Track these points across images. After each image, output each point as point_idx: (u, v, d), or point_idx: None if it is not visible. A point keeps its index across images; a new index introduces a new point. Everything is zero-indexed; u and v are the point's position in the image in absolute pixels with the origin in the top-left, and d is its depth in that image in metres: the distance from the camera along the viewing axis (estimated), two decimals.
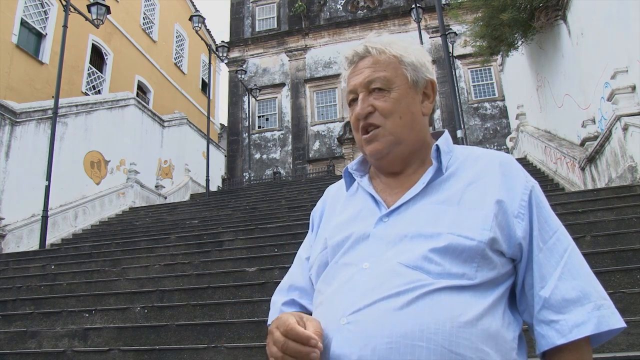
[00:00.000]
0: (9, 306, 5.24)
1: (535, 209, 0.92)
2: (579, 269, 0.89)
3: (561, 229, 0.93)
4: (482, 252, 0.85)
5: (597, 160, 6.99)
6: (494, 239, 0.87)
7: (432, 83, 1.02)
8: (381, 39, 1.02)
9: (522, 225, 0.90)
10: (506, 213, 0.90)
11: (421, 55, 1.02)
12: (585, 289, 0.86)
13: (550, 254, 0.90)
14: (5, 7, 12.22)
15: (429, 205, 0.91)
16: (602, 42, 7.21)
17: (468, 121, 18.26)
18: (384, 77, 0.97)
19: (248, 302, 4.27)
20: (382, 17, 20.60)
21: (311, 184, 12.47)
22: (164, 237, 7.44)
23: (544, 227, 0.92)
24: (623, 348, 2.78)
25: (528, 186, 0.94)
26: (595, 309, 0.84)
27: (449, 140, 1.02)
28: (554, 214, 0.95)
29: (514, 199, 0.92)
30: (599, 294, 0.86)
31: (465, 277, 0.84)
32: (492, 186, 0.92)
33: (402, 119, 0.96)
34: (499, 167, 0.96)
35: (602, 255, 3.88)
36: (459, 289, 0.83)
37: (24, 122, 9.85)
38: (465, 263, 0.84)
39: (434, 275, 0.83)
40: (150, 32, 19.51)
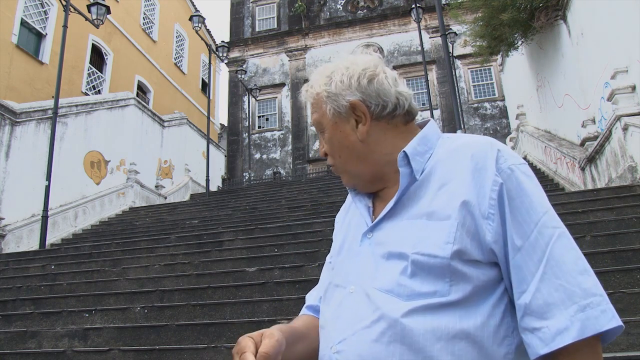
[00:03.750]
0: (9, 306, 5.24)
1: (508, 204, 0.81)
2: (562, 265, 0.77)
3: (545, 218, 0.80)
4: (449, 268, 0.80)
5: (597, 160, 6.99)
6: (460, 250, 0.81)
7: (355, 105, 0.92)
8: (312, 77, 1.00)
9: (492, 227, 0.81)
10: (474, 217, 0.82)
11: (344, 78, 0.94)
12: (569, 288, 0.75)
13: (531, 252, 0.78)
14: (5, 7, 12.22)
15: (402, 221, 0.89)
16: (602, 42, 7.21)
17: (468, 121, 18.26)
18: (315, 120, 0.97)
19: (248, 302, 4.27)
20: (382, 17, 20.60)
21: (311, 184, 12.47)
22: (164, 237, 7.44)
23: (521, 223, 0.80)
24: (623, 348, 2.78)
25: (498, 180, 0.82)
26: (579, 310, 0.73)
27: (427, 136, 0.94)
28: (539, 199, 0.82)
29: (484, 198, 0.82)
30: (585, 292, 0.74)
31: (437, 294, 0.80)
32: (460, 187, 0.84)
33: (343, 156, 0.95)
34: (471, 160, 0.85)
35: (602, 255, 3.88)
36: (432, 308, 0.80)
37: (24, 122, 9.85)
38: (437, 280, 0.81)
39: (404, 297, 0.82)
40: (150, 32, 19.51)
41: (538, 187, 0.84)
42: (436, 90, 18.99)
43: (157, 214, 10.93)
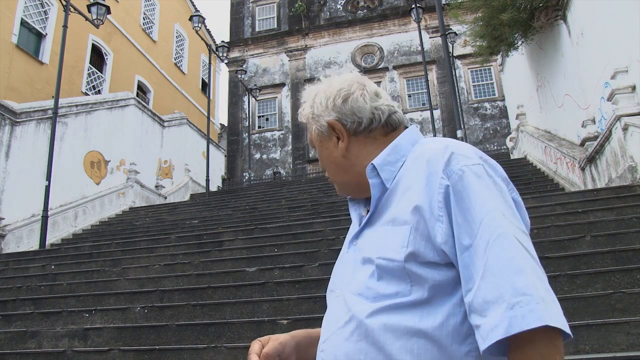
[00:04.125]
0: (9, 306, 5.24)
1: (454, 205, 0.83)
2: (498, 263, 0.77)
3: (487, 217, 0.81)
4: (405, 270, 0.85)
5: (597, 160, 6.99)
6: (413, 253, 0.85)
7: (331, 125, 1.00)
8: (303, 96, 1.08)
9: (442, 228, 0.84)
10: (426, 220, 0.85)
11: (321, 100, 1.02)
12: (502, 286, 0.76)
13: (476, 252, 0.80)
14: (5, 7, 12.22)
15: (375, 228, 0.95)
16: (602, 42, 7.21)
17: (468, 121, 18.26)
18: (309, 139, 1.08)
19: (248, 302, 4.27)
20: (382, 17, 20.60)
21: (311, 184, 12.47)
22: (164, 237, 7.44)
23: (466, 223, 0.82)
24: (623, 348, 2.78)
25: (444, 182, 0.85)
26: (508, 308, 0.74)
27: (399, 145, 0.98)
28: (484, 199, 0.83)
29: (433, 202, 0.85)
30: (516, 291, 0.74)
31: (399, 295, 0.85)
32: (416, 192, 0.88)
33: (331, 170, 1.05)
34: (426, 166, 0.89)
35: (602, 255, 3.88)
36: (395, 308, 0.85)
37: (24, 122, 9.85)
38: (399, 282, 0.86)
39: (371, 299, 0.88)
40: (150, 32, 19.51)
41: (488, 187, 0.84)
42: (436, 90, 18.99)
43: (157, 214, 10.93)
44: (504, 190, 0.86)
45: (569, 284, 3.56)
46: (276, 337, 0.98)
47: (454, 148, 0.89)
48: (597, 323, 2.93)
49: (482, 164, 0.86)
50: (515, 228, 0.81)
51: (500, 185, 0.86)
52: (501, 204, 0.83)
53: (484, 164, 0.87)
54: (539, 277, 0.77)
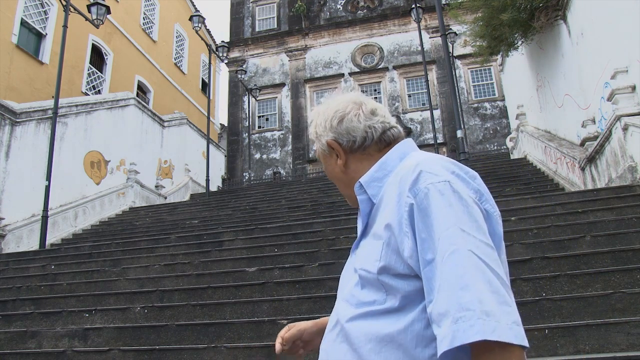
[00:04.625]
0: (9, 306, 5.24)
1: (418, 222, 0.89)
2: (448, 279, 0.82)
3: (445, 234, 0.85)
4: (379, 281, 0.93)
5: (597, 160, 6.99)
6: (385, 267, 0.92)
7: (329, 144, 1.10)
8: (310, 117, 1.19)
9: (408, 244, 0.90)
10: (395, 235, 0.92)
11: (321, 121, 1.12)
12: (449, 301, 0.80)
13: (436, 266, 0.85)
14: (5, 7, 12.22)
15: (366, 240, 1.03)
16: (602, 42, 7.21)
17: (468, 121, 18.26)
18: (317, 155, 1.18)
19: (248, 302, 4.27)
20: (382, 17, 20.60)
21: (311, 184, 12.47)
22: (164, 237, 7.44)
23: (427, 239, 0.87)
24: (623, 348, 2.78)
25: (409, 200, 0.90)
26: (453, 322, 0.79)
27: (387, 161, 1.05)
28: (445, 216, 0.86)
29: (401, 219, 0.91)
30: (460, 306, 0.79)
31: (376, 302, 0.94)
32: (390, 209, 0.95)
33: (336, 183, 1.15)
34: (399, 184, 0.95)
35: (602, 255, 3.88)
36: (371, 314, 0.93)
37: (24, 122, 9.85)
38: (377, 291, 0.94)
39: (354, 305, 0.97)
40: (150, 32, 19.50)
41: (451, 203, 0.87)
42: (436, 90, 18.99)
43: (157, 214, 10.92)
44: (470, 205, 0.89)
45: (569, 284, 3.56)
46: (299, 324, 1.20)
47: (423, 166, 0.94)
48: (597, 323, 2.93)
49: (448, 180, 0.90)
50: (476, 242, 0.84)
51: (466, 200, 0.89)
52: (462, 218, 0.86)
53: (452, 181, 0.90)
54: (493, 290, 0.80)
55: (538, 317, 3.19)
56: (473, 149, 17.11)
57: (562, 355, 2.84)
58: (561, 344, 2.89)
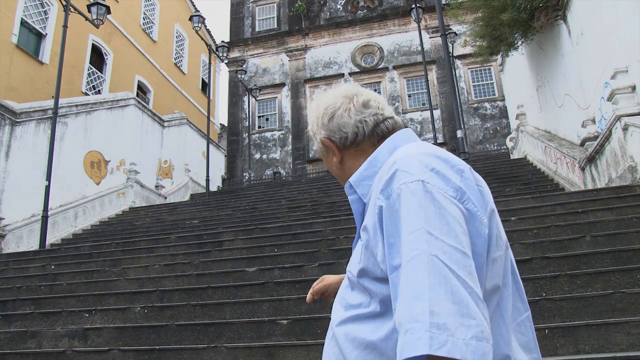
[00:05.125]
0: (9, 306, 5.24)
1: (388, 225, 0.84)
2: (404, 287, 0.78)
3: (409, 238, 0.80)
4: (360, 284, 0.91)
5: (597, 160, 6.99)
6: (364, 269, 0.90)
7: (323, 142, 1.07)
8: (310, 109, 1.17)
9: (380, 247, 0.86)
10: (370, 237, 0.88)
11: (314, 119, 1.10)
12: (403, 311, 0.76)
13: (400, 272, 0.80)
14: (5, 7, 12.22)
15: (357, 241, 1.01)
16: (602, 42, 7.21)
17: (468, 121, 18.25)
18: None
19: (248, 302, 4.27)
20: (382, 17, 20.59)
21: (311, 184, 12.47)
22: (164, 237, 7.44)
23: (397, 242, 0.82)
24: (623, 348, 2.78)
25: (379, 202, 0.86)
26: (403, 334, 0.75)
27: (376, 157, 1.00)
28: (411, 219, 0.81)
29: (374, 221, 0.87)
30: (411, 317, 0.74)
31: (362, 305, 0.92)
32: (370, 210, 0.91)
33: (336, 176, 1.12)
34: (378, 182, 0.90)
35: (602, 255, 3.88)
36: (358, 318, 0.91)
37: (24, 122, 9.85)
38: (362, 294, 0.92)
39: (343, 307, 0.96)
40: (150, 32, 19.50)
41: (421, 205, 0.81)
42: (436, 90, 18.99)
43: (157, 214, 10.92)
44: (444, 206, 0.81)
45: (569, 284, 3.56)
46: (327, 278, 1.28)
47: (400, 164, 0.87)
48: (597, 323, 2.93)
49: (422, 180, 0.83)
50: (443, 246, 0.78)
51: (439, 200, 0.82)
52: (432, 221, 0.79)
53: (427, 179, 0.83)
54: (455, 300, 0.74)
55: (538, 317, 3.19)
56: (473, 149, 17.11)
57: (562, 355, 2.84)
58: (561, 344, 2.89)
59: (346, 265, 1.14)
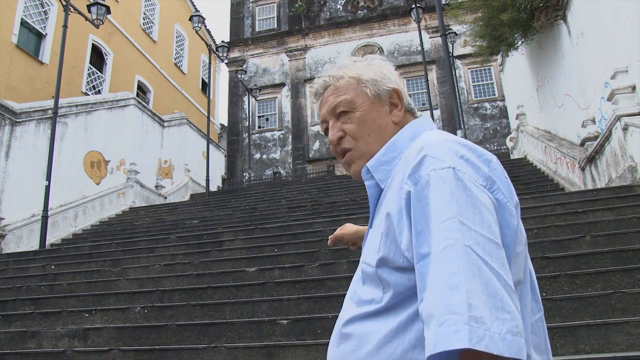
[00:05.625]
0: (9, 306, 5.24)
1: (416, 212, 0.81)
2: (437, 277, 0.74)
3: (441, 227, 0.77)
4: (378, 276, 0.86)
5: (597, 160, 6.99)
6: (383, 259, 0.85)
7: (396, 91, 1.02)
8: (338, 65, 1.06)
9: (405, 234, 0.83)
10: (394, 225, 0.85)
11: (380, 69, 1.04)
12: (436, 302, 0.73)
13: (430, 261, 0.77)
14: (5, 7, 12.22)
15: (371, 230, 0.96)
16: (602, 42, 7.21)
17: (468, 121, 18.25)
18: (346, 99, 1.00)
19: (248, 302, 4.27)
20: (382, 17, 20.60)
21: (311, 184, 12.47)
22: (164, 237, 7.44)
23: (426, 230, 0.79)
24: (623, 348, 2.78)
25: (407, 188, 0.83)
26: (438, 326, 0.71)
27: (395, 142, 0.97)
28: (443, 207, 0.78)
29: (400, 207, 0.84)
30: (447, 308, 0.71)
31: (373, 302, 0.87)
32: (392, 196, 0.88)
33: (371, 136, 0.99)
34: (404, 168, 0.87)
35: (602, 255, 3.88)
36: (369, 316, 0.87)
37: (24, 122, 9.85)
38: (376, 288, 0.88)
39: (355, 303, 0.91)
40: (150, 32, 19.50)
41: (453, 193, 0.79)
42: (436, 90, 18.99)
43: (157, 214, 10.92)
44: (475, 195, 0.79)
45: (569, 284, 3.56)
46: (345, 228, 1.34)
47: (428, 150, 0.85)
48: (597, 323, 2.93)
49: (452, 167, 0.81)
50: (476, 236, 0.76)
51: (471, 189, 0.79)
52: (464, 210, 0.77)
53: (457, 167, 0.81)
54: (490, 293, 0.72)
55: None
56: None
57: (562, 355, 2.84)
58: (561, 344, 2.89)
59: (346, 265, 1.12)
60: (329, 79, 1.04)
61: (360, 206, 7.83)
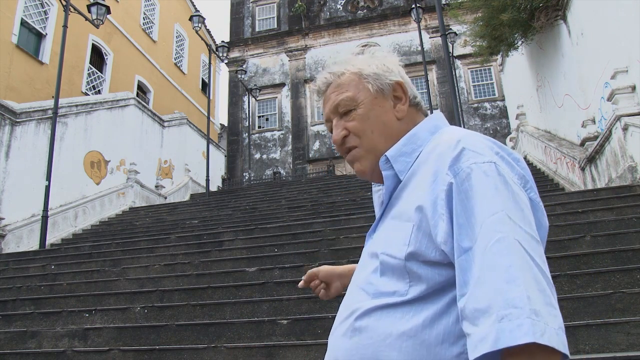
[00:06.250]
0: (9, 306, 5.24)
1: (457, 205, 0.79)
2: (493, 271, 0.72)
3: (490, 220, 0.75)
4: (406, 269, 0.83)
5: (597, 160, 6.99)
6: (414, 252, 0.83)
7: (400, 84, 0.99)
8: (339, 60, 1.04)
9: (442, 227, 0.80)
10: (428, 219, 0.82)
11: (383, 62, 1.00)
12: (493, 296, 0.70)
13: (474, 255, 0.75)
14: (5, 7, 12.22)
15: (386, 221, 0.94)
16: (602, 42, 7.21)
17: (468, 121, 18.26)
18: (347, 97, 0.98)
19: (248, 302, 4.27)
20: (382, 17, 20.60)
21: (311, 184, 12.47)
22: (164, 237, 7.44)
23: (467, 224, 0.77)
24: (623, 348, 2.78)
25: (448, 179, 0.81)
26: (497, 321, 0.69)
27: (417, 134, 0.95)
28: (491, 200, 0.77)
29: (437, 199, 0.82)
30: (507, 302, 0.69)
31: (396, 294, 0.84)
32: (423, 188, 0.85)
33: (375, 132, 0.97)
34: (436, 161, 0.85)
35: (602, 255, 3.88)
36: (390, 307, 0.83)
37: (24, 122, 9.85)
38: (399, 280, 0.84)
39: (371, 295, 0.87)
40: (150, 32, 19.51)
41: (497, 187, 0.78)
42: (436, 90, 18.99)
43: (157, 214, 10.92)
44: (516, 191, 0.79)
45: (569, 284, 3.56)
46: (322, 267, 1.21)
47: (466, 143, 0.84)
48: (597, 323, 2.93)
49: (494, 162, 0.80)
50: (522, 232, 0.75)
51: (511, 185, 0.79)
52: (509, 205, 0.76)
53: (498, 162, 0.81)
54: (540, 288, 0.71)
55: None
56: None
57: None
58: None
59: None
60: (330, 76, 1.02)
61: (360, 206, 7.83)
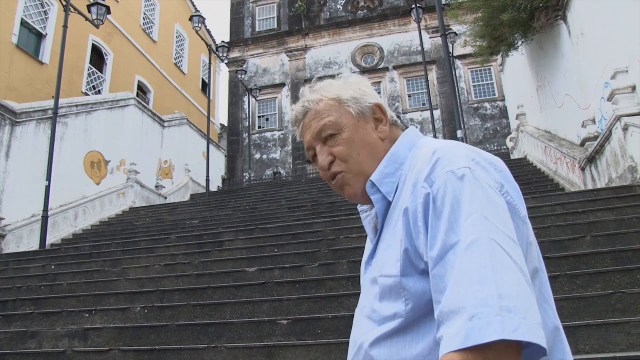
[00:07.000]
0: (9, 306, 5.24)
1: (432, 213, 0.79)
2: (465, 271, 0.72)
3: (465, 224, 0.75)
4: (401, 285, 0.82)
5: (597, 160, 6.99)
6: (405, 267, 0.82)
7: (379, 106, 0.99)
8: (315, 88, 1.03)
9: (422, 239, 0.80)
10: (412, 230, 0.82)
11: (358, 86, 1.01)
12: (464, 296, 0.70)
13: (448, 261, 0.74)
14: (5, 7, 12.22)
15: (381, 244, 0.92)
16: (602, 42, 7.21)
17: (468, 121, 18.25)
18: (330, 121, 0.97)
19: (248, 302, 4.27)
20: (382, 17, 20.60)
21: (311, 184, 12.47)
22: (164, 237, 7.44)
23: (443, 231, 0.76)
24: (623, 348, 2.78)
25: (424, 190, 0.81)
26: (467, 320, 0.68)
27: (396, 153, 0.96)
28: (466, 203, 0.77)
29: (416, 211, 0.82)
30: (478, 301, 0.68)
31: (396, 316, 0.82)
32: (405, 202, 0.85)
33: (361, 154, 0.96)
34: (414, 174, 0.86)
35: (602, 255, 3.88)
36: (397, 332, 0.82)
37: (24, 122, 9.85)
38: (396, 300, 0.83)
39: (377, 322, 0.86)
40: (150, 32, 19.51)
41: (472, 192, 0.78)
42: (436, 90, 18.99)
43: (157, 214, 10.92)
44: (491, 195, 0.79)
45: (569, 284, 3.56)
46: None
47: (441, 153, 0.84)
48: (597, 323, 2.93)
49: (468, 167, 0.80)
50: (498, 231, 0.74)
51: (487, 189, 0.79)
52: (485, 207, 0.76)
53: (472, 167, 0.81)
54: (516, 285, 0.70)
55: None
56: None
57: None
58: None
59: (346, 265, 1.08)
60: (308, 104, 1.00)
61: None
